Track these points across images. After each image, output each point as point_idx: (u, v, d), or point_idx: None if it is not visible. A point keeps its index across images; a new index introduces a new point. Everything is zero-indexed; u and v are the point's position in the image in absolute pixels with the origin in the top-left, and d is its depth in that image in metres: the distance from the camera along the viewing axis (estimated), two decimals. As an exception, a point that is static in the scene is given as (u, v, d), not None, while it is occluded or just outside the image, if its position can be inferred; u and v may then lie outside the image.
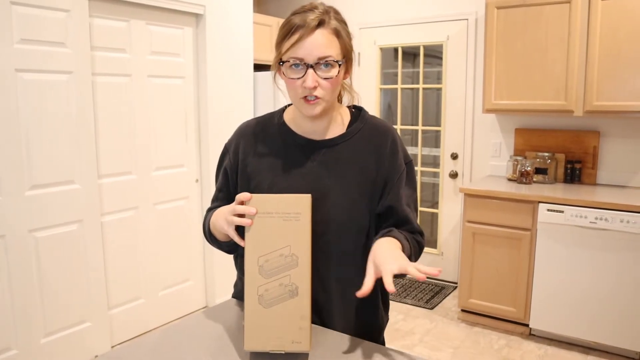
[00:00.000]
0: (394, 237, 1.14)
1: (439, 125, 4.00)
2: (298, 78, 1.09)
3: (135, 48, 2.95)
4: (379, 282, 1.27)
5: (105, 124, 2.83)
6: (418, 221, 1.26)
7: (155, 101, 3.10)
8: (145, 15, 2.98)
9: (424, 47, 3.98)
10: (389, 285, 0.95)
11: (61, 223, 2.62)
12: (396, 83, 4.17)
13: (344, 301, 1.21)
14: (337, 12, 1.13)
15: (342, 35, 1.12)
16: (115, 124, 2.88)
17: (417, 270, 0.97)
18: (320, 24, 1.08)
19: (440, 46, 3.90)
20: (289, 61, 1.09)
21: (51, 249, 2.59)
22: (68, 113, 2.61)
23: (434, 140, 4.13)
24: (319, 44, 1.07)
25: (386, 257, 1.02)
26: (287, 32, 1.10)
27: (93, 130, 2.74)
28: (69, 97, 2.61)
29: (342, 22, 1.14)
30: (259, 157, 1.22)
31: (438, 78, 4.06)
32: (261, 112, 3.65)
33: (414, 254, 1.19)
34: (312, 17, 1.08)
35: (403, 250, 1.11)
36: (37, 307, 2.55)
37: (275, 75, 1.18)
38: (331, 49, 1.09)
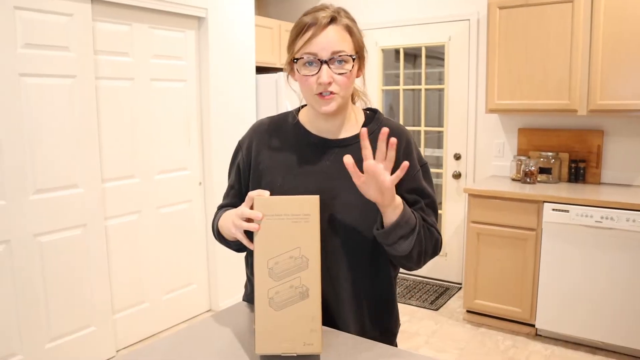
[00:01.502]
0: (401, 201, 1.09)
1: (441, 126, 4.00)
2: (312, 75, 1.10)
3: (138, 52, 2.95)
4: (394, 285, 1.27)
5: (108, 127, 2.83)
6: (438, 225, 1.24)
7: (158, 104, 3.09)
8: (147, 19, 2.98)
9: (426, 47, 3.97)
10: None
11: (65, 227, 2.62)
12: (397, 84, 4.17)
13: (356, 303, 1.20)
14: (346, 12, 1.15)
15: (354, 32, 1.14)
16: (119, 128, 2.88)
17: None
18: (332, 20, 1.10)
19: (442, 47, 3.89)
20: (302, 58, 1.10)
21: (55, 254, 2.58)
22: (71, 117, 2.61)
23: (436, 141, 4.12)
24: (332, 39, 1.09)
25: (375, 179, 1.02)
26: (299, 31, 1.11)
27: (96, 134, 2.73)
28: (72, 101, 2.60)
29: (353, 20, 1.16)
30: (272, 155, 1.22)
31: (439, 79, 4.06)
32: (263, 114, 3.65)
33: (422, 229, 1.12)
34: (323, 15, 1.09)
35: (404, 208, 1.07)
36: (42, 311, 2.55)
37: (288, 76, 1.19)
38: (344, 44, 1.10)
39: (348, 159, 1.00)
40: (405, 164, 0.98)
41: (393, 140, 0.97)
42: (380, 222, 1.09)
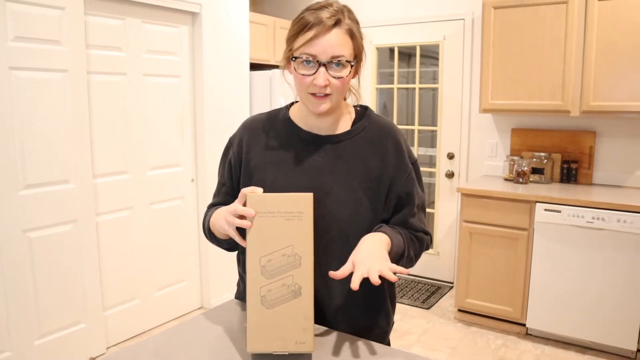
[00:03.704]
0: (383, 232, 1.14)
1: (435, 125, 4.00)
2: (309, 75, 1.09)
3: (130, 46, 2.92)
4: (386, 283, 1.27)
5: (100, 123, 2.80)
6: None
7: (151, 100, 3.07)
8: (141, 14, 2.96)
9: (420, 46, 3.97)
10: (353, 284, 0.96)
11: (56, 223, 2.59)
12: (391, 83, 4.17)
13: (347, 300, 1.20)
14: (350, 11, 1.13)
15: (356, 36, 1.12)
16: (111, 123, 2.86)
17: (388, 271, 0.99)
18: (337, 23, 1.08)
19: (436, 46, 3.90)
20: (301, 57, 1.09)
21: (45, 250, 2.56)
22: (63, 112, 2.58)
23: (429, 140, 4.13)
24: (333, 43, 1.07)
25: (364, 257, 1.03)
26: (301, 28, 1.09)
27: (88, 129, 2.71)
28: (64, 96, 2.58)
29: (356, 22, 1.13)
30: (263, 151, 1.21)
31: (433, 78, 4.06)
32: (257, 111, 3.62)
33: (410, 247, 1.19)
34: (327, 16, 1.07)
35: (391, 245, 1.12)
36: (31, 308, 2.52)
37: (283, 70, 1.18)
38: (344, 48, 1.09)
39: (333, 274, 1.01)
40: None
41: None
42: None
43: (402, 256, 1.17)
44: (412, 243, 1.21)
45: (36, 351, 2.55)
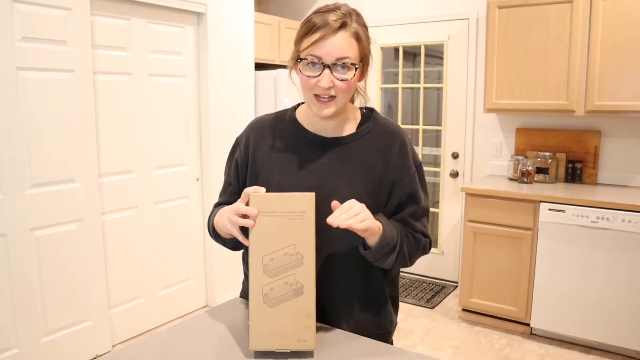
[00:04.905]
0: (378, 219, 1.13)
1: (439, 124, 4.00)
2: (314, 76, 1.10)
3: (136, 46, 2.94)
4: (387, 284, 1.27)
5: (106, 122, 2.82)
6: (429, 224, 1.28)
7: (156, 100, 3.09)
8: (146, 14, 2.98)
9: (425, 46, 3.97)
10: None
11: (62, 222, 2.61)
12: (395, 82, 4.17)
13: (349, 300, 1.21)
14: (358, 15, 1.14)
15: (362, 39, 1.12)
16: (116, 123, 2.88)
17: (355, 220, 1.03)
18: (342, 26, 1.09)
19: (441, 46, 3.89)
20: (306, 59, 1.10)
21: (52, 248, 2.58)
22: (69, 111, 2.60)
23: (434, 139, 4.13)
24: (338, 45, 1.08)
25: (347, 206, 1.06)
26: (308, 30, 1.10)
27: (94, 129, 2.73)
28: (70, 96, 2.60)
29: (363, 25, 1.14)
30: (269, 151, 1.23)
31: (438, 78, 4.06)
32: (262, 111, 3.65)
33: (405, 243, 1.17)
34: (334, 18, 1.08)
35: (382, 232, 1.11)
36: (38, 306, 2.55)
37: (291, 71, 1.19)
38: (350, 51, 1.10)
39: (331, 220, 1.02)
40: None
41: (333, 203, 1.05)
42: (365, 242, 1.12)
43: (394, 249, 1.14)
44: (408, 240, 1.18)
45: (42, 349, 2.58)
